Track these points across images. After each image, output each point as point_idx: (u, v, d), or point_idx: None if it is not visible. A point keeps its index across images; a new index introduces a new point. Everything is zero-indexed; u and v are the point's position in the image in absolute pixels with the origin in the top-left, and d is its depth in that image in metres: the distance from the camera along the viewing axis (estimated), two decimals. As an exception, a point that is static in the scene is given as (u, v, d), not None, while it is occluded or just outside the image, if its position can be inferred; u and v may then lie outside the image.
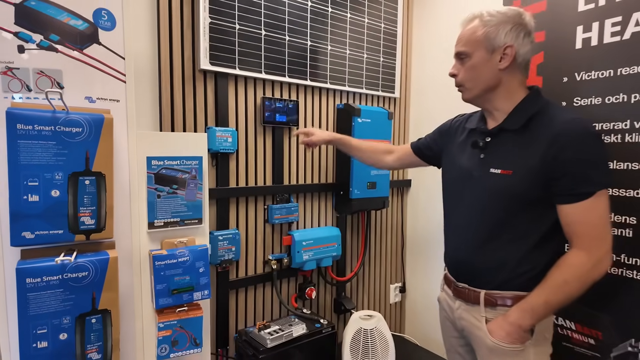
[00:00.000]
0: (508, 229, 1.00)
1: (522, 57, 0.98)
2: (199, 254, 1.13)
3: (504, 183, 0.98)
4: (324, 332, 1.52)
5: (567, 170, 0.90)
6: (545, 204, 0.95)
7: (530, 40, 0.99)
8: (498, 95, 1.02)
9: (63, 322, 0.94)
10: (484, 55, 0.99)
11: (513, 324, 0.95)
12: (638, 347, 1.17)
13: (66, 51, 0.96)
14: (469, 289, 1.06)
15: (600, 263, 0.91)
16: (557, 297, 0.93)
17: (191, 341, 1.14)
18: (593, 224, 0.91)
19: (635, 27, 1.15)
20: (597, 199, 0.90)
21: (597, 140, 0.92)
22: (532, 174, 0.94)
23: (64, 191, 0.92)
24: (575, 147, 0.90)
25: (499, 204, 1.00)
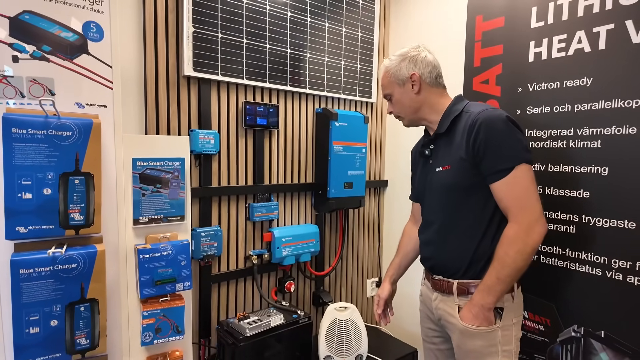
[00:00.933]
0: (461, 220, 1.13)
1: (428, 76, 1.18)
2: (181, 248, 1.23)
3: (446, 177, 1.14)
4: (301, 323, 1.62)
5: (485, 152, 1.03)
6: (485, 190, 1.07)
7: (427, 62, 1.18)
8: (425, 112, 1.21)
9: (54, 310, 1.02)
10: (399, 89, 1.21)
11: (476, 305, 1.06)
12: (581, 332, 1.30)
13: (57, 61, 1.05)
14: (443, 280, 1.17)
15: (531, 230, 1.01)
16: (505, 271, 1.02)
17: (173, 329, 1.23)
18: (517, 196, 1.02)
19: (578, 44, 1.28)
20: (516, 172, 1.01)
21: (507, 123, 1.04)
22: (463, 162, 1.08)
23: (55, 189, 1.01)
24: (486, 131, 1.03)
25: (448, 199, 1.15)
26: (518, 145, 1.03)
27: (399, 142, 2.16)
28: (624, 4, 1.18)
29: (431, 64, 1.19)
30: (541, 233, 1.02)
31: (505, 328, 1.08)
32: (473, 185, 1.09)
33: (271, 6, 1.68)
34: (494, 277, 1.04)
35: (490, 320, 1.06)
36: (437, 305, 1.21)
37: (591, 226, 1.26)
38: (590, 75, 1.25)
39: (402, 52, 1.22)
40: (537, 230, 1.02)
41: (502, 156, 1.02)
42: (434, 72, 1.19)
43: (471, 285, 1.11)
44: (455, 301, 1.14)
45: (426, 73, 1.18)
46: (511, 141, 1.03)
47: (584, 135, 1.27)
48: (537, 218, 1.02)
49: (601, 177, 1.23)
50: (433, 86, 1.19)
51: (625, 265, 1.19)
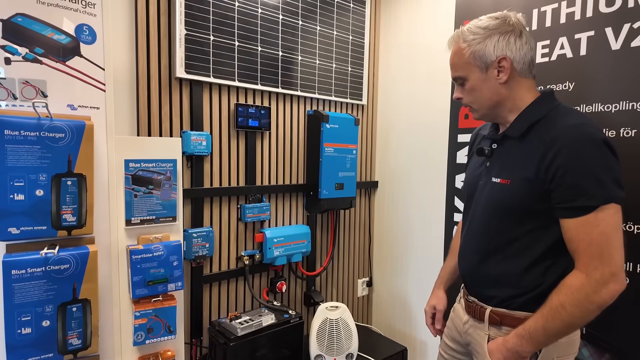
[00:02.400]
0: (511, 241, 0.95)
1: (521, 63, 0.92)
2: (173, 248, 1.24)
3: (503, 193, 0.94)
4: (292, 322, 1.64)
5: (562, 180, 0.83)
6: (547, 218, 0.89)
7: (525, 40, 0.93)
8: (506, 108, 0.97)
9: (46, 310, 1.03)
10: (479, 75, 0.95)
11: (510, 350, 0.90)
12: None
13: (50, 63, 1.06)
14: (476, 304, 1.02)
15: (602, 286, 0.81)
16: (555, 324, 0.85)
17: (165, 329, 1.24)
18: (592, 242, 0.82)
19: (561, 50, 1.32)
20: (599, 214, 0.81)
21: (600, 148, 0.82)
22: (528, 183, 0.89)
23: (48, 191, 1.02)
24: (571, 155, 0.83)
25: (499, 215, 0.97)
26: (609, 178, 0.81)
27: (389, 144, 2.20)
28: (603, 11, 1.22)
29: (527, 45, 0.93)
30: (615, 291, 0.82)
31: None
32: (534, 211, 0.90)
33: (263, 9, 1.70)
34: (540, 327, 0.86)
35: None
36: (467, 329, 1.06)
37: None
38: (572, 80, 1.30)
39: (488, 23, 0.94)
40: (610, 288, 0.81)
41: (583, 191, 0.82)
42: (528, 56, 0.93)
43: (506, 316, 0.95)
44: (486, 330, 0.98)
45: (519, 57, 0.92)
46: (601, 173, 0.81)
47: (567, 138, 1.31)
48: (614, 273, 0.81)
49: (583, 178, 1.27)
50: (524, 76, 0.94)
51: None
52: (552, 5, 1.34)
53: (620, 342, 1.21)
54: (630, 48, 1.18)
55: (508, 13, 0.95)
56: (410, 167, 2.07)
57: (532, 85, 0.97)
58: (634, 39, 1.17)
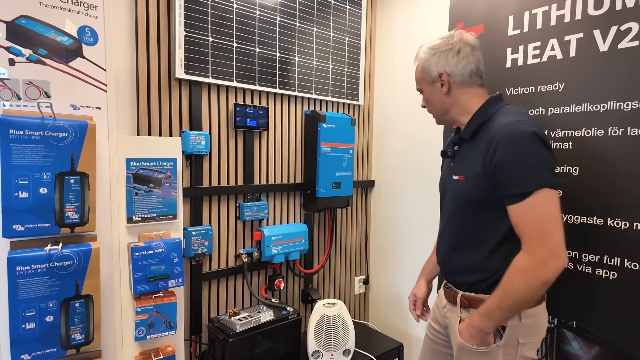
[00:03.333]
0: (471, 233, 1.07)
1: (460, 76, 1.07)
2: (174, 246, 1.26)
3: (460, 188, 1.08)
4: (290, 319, 1.66)
5: (502, 171, 0.94)
6: (500, 207, 0.98)
7: (462, 56, 1.06)
8: (455, 113, 1.12)
9: (49, 306, 1.05)
10: (429, 87, 1.14)
11: (475, 327, 1.01)
12: (554, 323, 1.37)
13: (53, 64, 1.08)
14: (451, 289, 1.15)
15: (544, 264, 0.90)
16: (508, 301, 0.95)
17: (166, 324, 1.27)
18: (533, 225, 0.92)
19: (551, 51, 1.36)
20: (535, 198, 0.91)
21: (532, 141, 0.93)
22: (478, 178, 1.01)
23: (51, 189, 1.04)
24: (506, 148, 0.94)
25: (461, 209, 1.09)
26: (541, 166, 0.93)
27: (385, 143, 2.23)
28: (592, 14, 1.26)
29: (464, 60, 1.07)
30: (557, 267, 0.92)
31: (508, 347, 1.01)
32: (488, 202, 1.01)
33: (261, 11, 1.73)
34: (495, 304, 0.97)
35: (488, 342, 1.01)
36: (445, 313, 1.18)
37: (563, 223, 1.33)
38: (562, 81, 1.33)
39: (434, 44, 1.11)
40: (552, 265, 0.91)
41: (520, 179, 0.92)
42: (467, 69, 1.07)
43: (473, 300, 1.07)
44: (458, 313, 1.11)
45: (457, 71, 1.07)
46: (533, 162, 0.92)
47: (557, 137, 1.34)
48: (554, 251, 0.92)
49: (572, 176, 1.31)
50: (466, 85, 1.08)
51: (595, 259, 1.27)
52: (542, 8, 1.37)
53: (608, 335, 1.25)
54: (617, 50, 1.21)
55: (453, 33, 1.11)
56: (406, 167, 2.10)
57: (479, 91, 1.10)
58: (621, 41, 1.20)
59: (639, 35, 1.17)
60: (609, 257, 1.24)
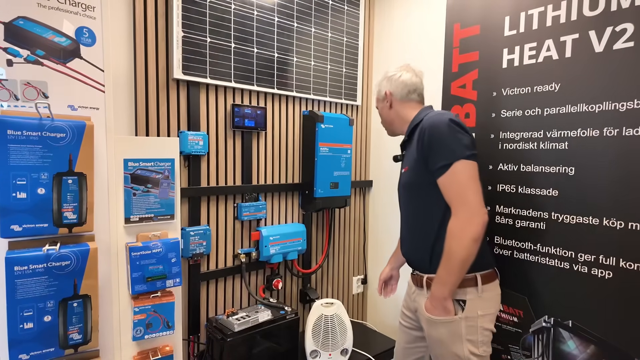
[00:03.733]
0: (420, 218, 1.24)
1: (399, 94, 1.34)
2: (171, 245, 1.27)
3: (405, 177, 1.28)
4: (288, 318, 1.67)
5: (429, 152, 1.15)
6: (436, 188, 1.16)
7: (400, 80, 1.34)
8: (398, 124, 1.37)
9: (47, 306, 1.05)
10: (380, 104, 1.42)
11: (434, 297, 1.16)
12: (551, 322, 1.38)
13: (51, 65, 1.08)
14: (417, 275, 1.29)
15: (468, 221, 1.08)
16: (451, 263, 1.10)
17: (164, 324, 1.27)
18: (456, 191, 1.11)
19: (547, 52, 1.36)
20: (454, 169, 1.10)
21: (448, 125, 1.13)
22: (416, 164, 1.20)
23: (49, 189, 1.04)
24: (430, 133, 1.15)
25: (408, 197, 1.29)
26: (457, 143, 1.11)
27: (383, 144, 2.24)
28: (587, 15, 1.27)
29: (403, 83, 1.34)
30: (480, 223, 1.08)
31: (470, 319, 1.16)
32: (426, 184, 1.17)
33: (258, 11, 1.74)
34: (443, 270, 1.13)
35: (449, 310, 1.15)
36: (414, 298, 1.31)
37: (559, 222, 1.34)
38: (558, 81, 1.34)
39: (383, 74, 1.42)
40: (476, 222, 1.08)
41: (442, 154, 1.12)
42: (405, 89, 1.34)
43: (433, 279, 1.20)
44: (426, 294, 1.24)
45: (398, 90, 1.34)
46: (450, 140, 1.11)
47: (553, 137, 1.35)
48: (475, 211, 1.09)
49: (568, 176, 1.32)
50: (405, 100, 1.34)
51: (590, 259, 1.28)
52: (538, 9, 1.38)
53: (604, 334, 1.25)
54: (612, 50, 1.22)
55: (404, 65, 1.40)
56: (404, 167, 2.10)
57: (415, 105, 1.35)
58: (616, 42, 1.21)
59: (634, 36, 1.18)
60: (605, 256, 1.25)
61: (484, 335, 1.18)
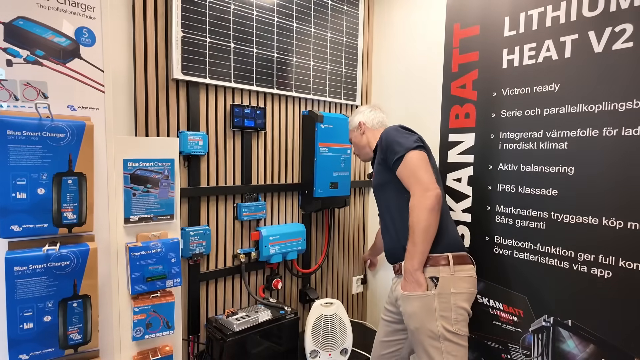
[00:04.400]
0: (390, 212, 1.40)
1: (370, 122, 1.57)
2: (171, 246, 1.27)
3: (375, 180, 1.47)
4: (288, 318, 1.67)
5: (386, 153, 1.34)
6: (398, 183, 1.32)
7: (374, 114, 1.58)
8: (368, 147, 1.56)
9: (47, 306, 1.05)
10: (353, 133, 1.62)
11: (406, 271, 1.27)
12: (550, 322, 1.38)
13: (50, 65, 1.08)
14: (397, 264, 1.40)
15: (423, 196, 1.23)
16: (415, 234, 1.23)
17: (164, 324, 1.27)
18: (409, 175, 1.28)
19: (547, 52, 1.37)
20: (406, 159, 1.28)
21: (396, 129, 1.37)
22: (378, 166, 1.41)
23: (49, 189, 1.04)
24: (384, 138, 1.37)
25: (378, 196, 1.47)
26: (405, 141, 1.31)
27: (382, 144, 2.23)
28: (587, 15, 1.27)
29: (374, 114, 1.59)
30: (433, 196, 1.23)
31: (443, 296, 1.24)
32: (390, 181, 1.36)
33: (258, 12, 1.74)
34: (411, 244, 1.25)
35: (420, 282, 1.24)
36: (395, 287, 1.40)
37: (559, 222, 1.35)
38: (558, 82, 1.34)
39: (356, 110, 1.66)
40: (429, 195, 1.23)
41: (395, 150, 1.31)
42: (376, 119, 1.58)
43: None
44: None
45: (370, 119, 1.58)
46: (400, 139, 1.32)
47: (553, 137, 1.35)
48: (426, 186, 1.24)
49: (568, 176, 1.32)
50: (375, 128, 1.57)
51: (590, 258, 1.28)
52: (538, 9, 1.38)
53: (604, 333, 1.26)
54: (612, 51, 1.22)
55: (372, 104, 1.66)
56: (403, 167, 2.11)
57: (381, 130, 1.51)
58: (616, 42, 1.21)
59: (633, 36, 1.18)
60: (604, 256, 1.25)
61: (457, 313, 1.24)
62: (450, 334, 1.22)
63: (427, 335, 1.23)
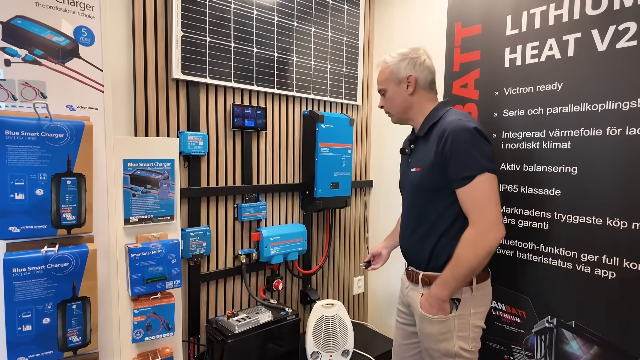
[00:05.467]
0: (426, 217, 1.23)
1: (423, 81, 1.26)
2: (171, 247, 1.26)
3: (416, 178, 1.24)
4: (289, 319, 1.66)
5: (450, 160, 1.12)
6: (451, 192, 1.16)
7: (426, 65, 1.26)
8: (413, 113, 1.29)
9: (46, 308, 1.04)
10: (394, 87, 1.28)
11: (433, 296, 1.17)
12: (553, 323, 1.37)
13: (49, 64, 1.07)
14: (413, 271, 1.29)
15: (486, 234, 1.09)
16: (459, 270, 1.11)
17: (164, 326, 1.26)
18: (476, 203, 1.11)
19: (549, 51, 1.35)
20: (477, 181, 1.10)
21: (472, 134, 1.11)
22: (432, 167, 1.17)
23: (48, 190, 1.03)
24: (453, 140, 1.12)
25: (416, 197, 1.26)
26: (481, 155, 1.11)
27: (383, 144, 2.23)
28: (590, 14, 1.26)
29: (428, 69, 1.26)
30: (497, 238, 1.10)
31: (462, 317, 1.17)
32: (439, 188, 1.18)
33: (258, 11, 1.73)
34: (449, 274, 1.14)
35: (445, 310, 1.16)
36: (407, 292, 1.32)
37: (562, 222, 1.34)
38: (561, 81, 1.33)
39: (403, 51, 1.27)
40: (493, 235, 1.10)
41: (465, 165, 1.11)
42: (429, 77, 1.27)
43: (434, 277, 1.20)
44: (420, 291, 1.25)
45: (422, 77, 1.25)
46: (475, 151, 1.10)
47: (555, 136, 1.34)
48: (493, 224, 1.10)
49: (571, 176, 1.31)
50: (426, 90, 1.27)
51: (593, 259, 1.27)
52: (540, 8, 1.37)
53: (607, 334, 1.24)
54: (615, 49, 1.21)
55: (418, 47, 1.29)
56: (405, 167, 2.09)
57: (433, 97, 1.30)
58: (619, 41, 1.20)
59: (637, 35, 1.17)
60: (608, 257, 1.24)
61: (474, 332, 1.19)
62: (466, 352, 1.17)
63: (442, 353, 1.18)
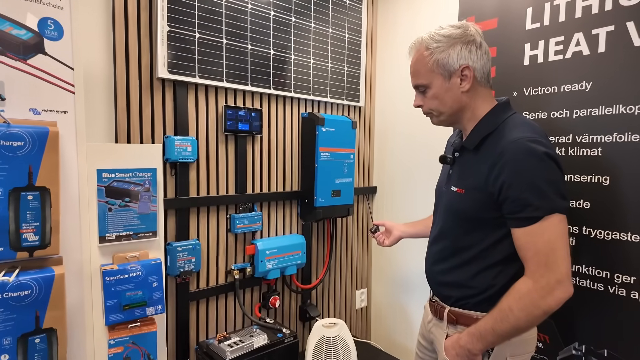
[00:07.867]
0: (463, 247, 1.00)
1: (481, 72, 0.95)
2: (152, 268, 1.11)
3: (458, 201, 0.99)
4: (286, 342, 1.52)
5: (508, 193, 0.87)
6: (496, 226, 0.93)
7: (484, 50, 0.96)
8: (465, 116, 1.00)
9: (4, 343, 0.90)
10: (442, 83, 0.96)
11: (463, 347, 0.95)
12: (582, 350, 1.23)
13: (8, 61, 0.93)
14: (438, 304, 1.08)
15: (548, 292, 0.84)
16: (504, 326, 0.88)
17: (144, 357, 1.12)
18: (539, 250, 0.86)
19: (576, 46, 1.22)
20: (543, 224, 0.84)
21: (541, 161, 0.85)
22: (478, 194, 0.93)
23: (5, 207, 0.89)
24: (513, 169, 0.86)
25: (455, 222, 1.02)
26: (552, 190, 0.85)
27: (387, 148, 2.09)
28: (624, 4, 1.12)
29: (487, 55, 0.96)
30: (561, 299, 0.85)
31: None
32: (484, 219, 0.95)
33: (253, 5, 1.59)
34: (489, 327, 0.91)
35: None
36: (430, 328, 1.13)
37: (592, 238, 1.20)
38: (590, 80, 1.19)
39: (451, 32, 0.95)
40: (555, 295, 0.85)
41: (529, 203, 0.85)
42: (487, 66, 0.96)
43: (461, 316, 1.01)
44: (445, 330, 1.04)
45: (480, 67, 0.94)
46: (544, 185, 0.85)
47: (584, 142, 1.20)
48: (559, 280, 0.85)
49: (602, 186, 1.17)
50: (483, 85, 0.97)
51: (629, 280, 1.13)
52: (566, -1, 1.24)
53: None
54: (654, 44, 1.08)
55: (467, 23, 0.98)
56: (410, 172, 1.96)
57: (490, 94, 1.01)
58: (659, 34, 1.07)
59: (679, 28, 1.03)
60: (646, 278, 1.10)
61: None
62: None
63: None
